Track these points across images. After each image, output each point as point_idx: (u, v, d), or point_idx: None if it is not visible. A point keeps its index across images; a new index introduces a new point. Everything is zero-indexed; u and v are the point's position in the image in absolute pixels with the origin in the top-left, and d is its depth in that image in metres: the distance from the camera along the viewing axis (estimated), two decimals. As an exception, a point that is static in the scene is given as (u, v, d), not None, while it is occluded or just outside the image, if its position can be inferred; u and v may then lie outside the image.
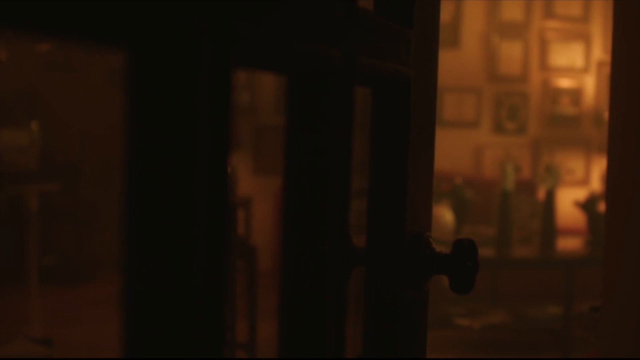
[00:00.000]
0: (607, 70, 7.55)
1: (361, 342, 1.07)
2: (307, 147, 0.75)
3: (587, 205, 5.37)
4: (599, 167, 7.51)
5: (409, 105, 1.01)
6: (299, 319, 0.78)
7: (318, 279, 0.76)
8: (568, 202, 6.59)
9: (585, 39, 7.60)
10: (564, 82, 7.57)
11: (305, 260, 0.77)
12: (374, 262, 1.04)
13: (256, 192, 6.68)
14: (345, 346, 0.80)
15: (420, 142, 1.07)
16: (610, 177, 1.95)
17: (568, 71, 7.58)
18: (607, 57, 7.56)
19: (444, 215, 5.92)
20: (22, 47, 6.63)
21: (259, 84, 6.99)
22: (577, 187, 7.34)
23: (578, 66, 7.61)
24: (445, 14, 7.28)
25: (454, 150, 7.31)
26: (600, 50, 7.62)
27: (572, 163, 7.51)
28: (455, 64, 7.33)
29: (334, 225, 0.75)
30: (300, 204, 0.75)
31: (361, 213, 1.14)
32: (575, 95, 7.59)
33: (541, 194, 6.28)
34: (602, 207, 5.36)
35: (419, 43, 1.04)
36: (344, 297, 0.79)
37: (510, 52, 7.44)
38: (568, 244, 5.55)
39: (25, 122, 5.85)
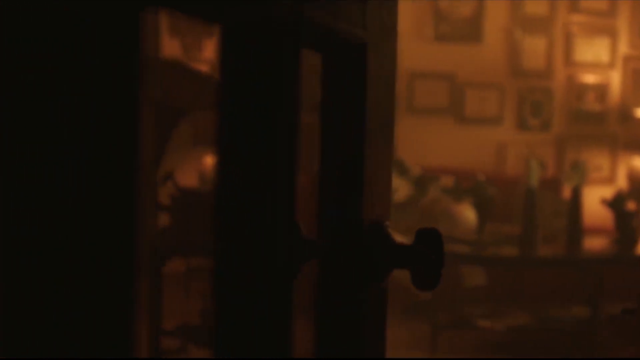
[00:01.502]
0: (633, 65, 7.39)
1: (312, 341, 0.96)
2: (244, 118, 0.61)
3: (615, 204, 5.21)
4: (625, 165, 7.35)
5: (365, 73, 0.90)
6: (237, 321, 0.65)
7: (259, 277, 0.63)
8: (593, 201, 6.43)
9: (611, 33, 7.45)
10: (589, 78, 7.43)
11: (243, 255, 0.63)
12: (327, 255, 0.93)
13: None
14: (291, 348, 0.68)
15: (378, 118, 0.96)
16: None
17: (593, 66, 7.44)
18: (633, 52, 7.41)
19: (466, 213, 5.78)
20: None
21: (276, 80, 6.87)
22: (603, 185, 7.18)
23: (603, 61, 7.45)
24: (467, 7, 7.15)
25: (475, 148, 7.19)
26: (627, 45, 7.46)
27: (598, 160, 7.35)
28: (477, 59, 7.21)
29: (278, 213, 0.63)
30: (236, 187, 0.61)
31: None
32: (601, 91, 7.45)
33: (566, 191, 6.13)
34: (630, 205, 5.21)
35: (376, 2, 0.92)
36: (290, 295, 0.68)
37: (534, 47, 7.31)
38: (594, 243, 5.40)
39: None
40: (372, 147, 0.94)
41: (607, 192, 6.67)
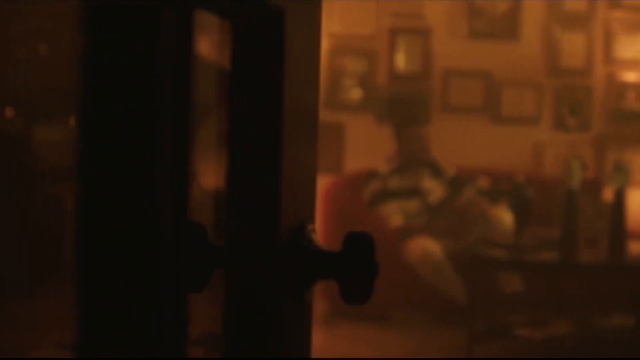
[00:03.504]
0: (677, 62, 7.19)
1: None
2: (119, 98, 0.49)
3: (660, 206, 5.01)
4: (667, 166, 7.15)
5: (283, 48, 0.75)
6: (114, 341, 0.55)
7: (133, 290, 0.52)
8: (636, 203, 6.23)
9: (653, 30, 7.25)
10: (630, 76, 7.24)
11: (117, 265, 0.52)
12: (237, 264, 0.83)
13: (303, 191, 6.42)
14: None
15: (300, 102, 0.84)
16: None
17: (634, 64, 7.25)
18: (676, 49, 7.22)
19: (503, 216, 5.61)
20: (63, 42, 6.52)
21: (306, 78, 6.75)
22: (645, 187, 6.97)
23: (645, 59, 7.25)
24: (503, 3, 6.97)
25: (511, 148, 7.02)
26: (669, 42, 7.26)
27: (639, 161, 7.15)
28: (514, 56, 7.04)
29: (161, 214, 0.53)
30: (106, 181, 0.49)
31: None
32: (642, 89, 7.25)
33: (607, 194, 5.94)
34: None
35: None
36: (183, 311, 0.61)
37: (573, 44, 7.13)
38: (637, 248, 5.23)
39: (63, 118, 5.77)
40: (293, 137, 0.80)
41: (650, 194, 6.47)
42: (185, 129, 0.53)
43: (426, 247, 5.44)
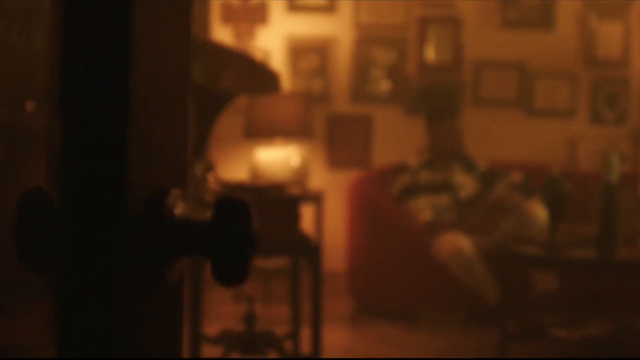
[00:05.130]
0: None
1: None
2: None
3: None
4: None
5: None
6: None
7: None
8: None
9: (693, 19, 7.01)
10: (670, 67, 7.00)
11: None
12: (76, 237, 0.67)
13: (329, 186, 6.27)
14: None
15: (159, 49, 0.73)
16: None
17: (674, 55, 7.00)
18: None
19: (537, 211, 5.42)
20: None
21: (333, 70, 6.57)
22: (685, 182, 6.73)
23: (685, 49, 7.01)
24: (538, -8, 6.77)
25: (546, 142, 6.82)
26: None
27: (679, 156, 6.92)
28: (548, 47, 6.83)
29: None
30: None
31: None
32: (682, 81, 7.01)
33: (646, 189, 5.72)
34: None
35: None
36: None
37: (610, 34, 6.91)
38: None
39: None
40: (147, 96, 0.69)
41: (691, 189, 6.24)
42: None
43: (457, 243, 5.26)
